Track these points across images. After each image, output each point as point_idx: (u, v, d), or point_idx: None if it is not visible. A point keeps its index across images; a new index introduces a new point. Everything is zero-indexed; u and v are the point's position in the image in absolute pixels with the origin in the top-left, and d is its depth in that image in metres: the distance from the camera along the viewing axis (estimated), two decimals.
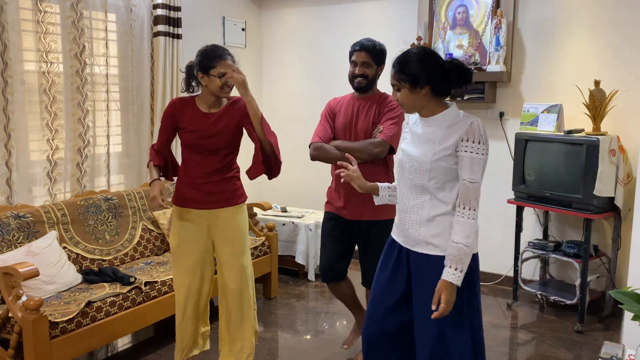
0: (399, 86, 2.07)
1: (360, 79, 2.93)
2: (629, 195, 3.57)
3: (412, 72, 2.03)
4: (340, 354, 3.29)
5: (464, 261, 1.98)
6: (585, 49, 3.86)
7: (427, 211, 2.09)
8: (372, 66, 2.94)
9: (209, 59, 2.56)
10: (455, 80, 2.05)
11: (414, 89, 2.04)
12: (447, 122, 2.06)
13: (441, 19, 4.33)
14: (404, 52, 2.10)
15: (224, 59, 2.56)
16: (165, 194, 2.61)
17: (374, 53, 2.93)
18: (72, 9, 3.49)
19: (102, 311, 2.88)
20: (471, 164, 1.99)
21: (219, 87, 2.57)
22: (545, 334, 3.57)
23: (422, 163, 2.06)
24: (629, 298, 1.87)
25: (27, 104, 3.36)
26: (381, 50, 2.97)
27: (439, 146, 2.03)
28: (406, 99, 2.07)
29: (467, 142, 1.99)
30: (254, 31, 5.22)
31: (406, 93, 2.06)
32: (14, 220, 3.06)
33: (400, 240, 2.19)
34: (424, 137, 2.09)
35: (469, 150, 1.99)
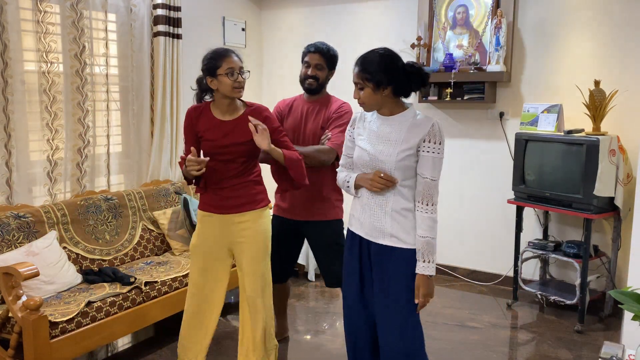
0: (362, 85, 2.16)
1: (312, 81, 2.97)
2: (629, 195, 3.57)
3: (376, 73, 2.13)
4: (340, 354, 3.30)
5: (432, 252, 2.14)
6: (585, 49, 3.86)
7: (391, 205, 2.19)
8: (324, 69, 2.99)
9: (214, 60, 2.53)
10: (416, 82, 2.17)
11: (377, 89, 2.14)
12: (407, 122, 2.17)
13: (441, 19, 4.33)
14: (369, 52, 2.20)
15: (228, 56, 2.52)
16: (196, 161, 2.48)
17: (327, 57, 2.98)
18: (72, 9, 3.49)
19: (102, 311, 2.88)
20: (433, 163, 2.13)
21: (231, 87, 2.51)
22: (545, 334, 3.57)
23: (386, 162, 2.15)
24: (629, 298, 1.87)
25: (27, 104, 3.36)
26: (334, 55, 3.03)
27: (402, 145, 2.14)
28: (368, 98, 2.17)
29: (429, 143, 2.12)
30: (254, 31, 5.23)
31: (369, 92, 2.16)
32: (14, 220, 3.06)
33: (362, 233, 2.28)
34: (384, 136, 2.19)
35: (431, 151, 2.12)
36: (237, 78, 2.51)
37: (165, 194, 3.98)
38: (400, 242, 2.19)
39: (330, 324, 3.70)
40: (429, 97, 4.37)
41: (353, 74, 2.20)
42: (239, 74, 2.52)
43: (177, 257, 3.69)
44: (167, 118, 4.08)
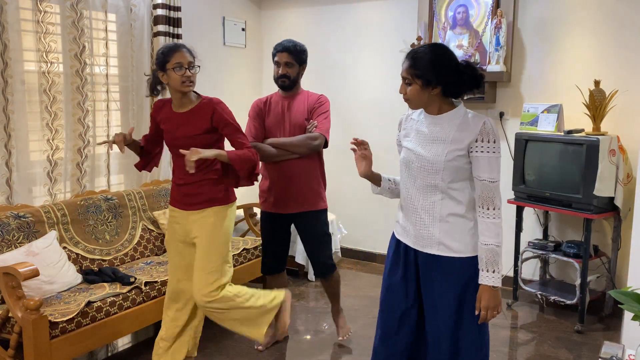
0: (410, 81, 2.02)
1: (284, 79, 3.12)
2: (629, 195, 3.57)
3: (426, 71, 1.98)
4: (340, 354, 3.30)
5: (497, 262, 2.00)
6: (585, 49, 3.86)
7: (439, 211, 2.05)
8: (294, 66, 3.11)
9: (164, 55, 2.58)
10: (468, 83, 2.03)
11: (425, 87, 2.00)
12: (457, 121, 2.02)
13: (441, 19, 4.33)
14: (419, 47, 2.04)
15: (178, 51, 2.57)
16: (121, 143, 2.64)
17: (295, 53, 3.09)
18: (72, 9, 3.49)
19: (102, 311, 2.88)
20: (489, 164, 1.98)
21: (180, 82, 2.57)
22: (545, 334, 3.57)
23: (435, 163, 2.01)
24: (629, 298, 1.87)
25: (27, 104, 3.36)
26: (302, 50, 3.13)
27: (452, 146, 2.00)
28: (415, 95, 2.03)
29: (481, 142, 1.97)
30: (254, 31, 5.22)
31: (416, 89, 2.01)
32: (14, 220, 3.06)
33: (408, 242, 2.14)
34: (432, 135, 2.05)
35: (485, 150, 1.97)
36: (184, 73, 2.55)
37: (165, 194, 3.98)
38: (448, 251, 2.04)
39: (330, 324, 3.70)
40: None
41: (402, 68, 2.04)
42: (187, 68, 2.56)
43: None
44: None
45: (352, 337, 3.53)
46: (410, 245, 2.13)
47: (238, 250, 3.82)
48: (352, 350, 3.35)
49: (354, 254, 5.05)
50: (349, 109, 4.88)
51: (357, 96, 4.86)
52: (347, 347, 3.38)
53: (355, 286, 4.04)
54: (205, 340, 3.43)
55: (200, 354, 3.26)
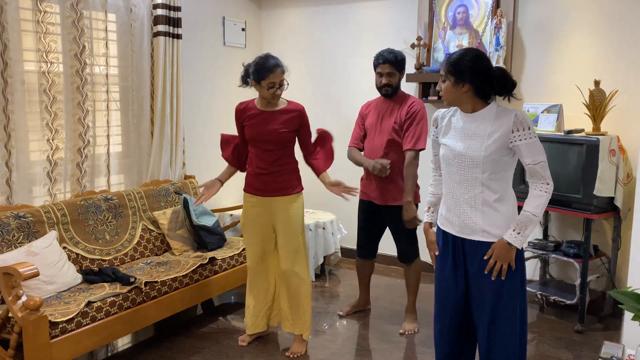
0: (445, 77, 2.25)
1: (387, 88, 3.40)
2: (629, 195, 3.57)
3: (459, 67, 2.20)
4: (340, 354, 3.30)
5: (527, 227, 2.17)
6: (585, 49, 3.86)
7: (481, 202, 2.25)
8: (395, 75, 3.38)
9: (261, 71, 2.96)
10: (497, 87, 2.24)
11: (456, 84, 2.22)
12: (491, 117, 2.23)
13: (441, 19, 4.33)
14: (462, 49, 2.29)
15: (274, 72, 2.96)
16: (209, 193, 3.17)
17: (396, 64, 3.36)
18: (72, 9, 3.49)
19: (102, 311, 2.88)
20: (529, 149, 2.17)
21: (270, 97, 3.01)
22: (545, 334, 3.57)
23: (474, 158, 2.21)
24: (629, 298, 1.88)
25: (27, 104, 3.36)
26: (402, 59, 3.40)
27: (489, 140, 2.20)
28: (448, 91, 2.25)
29: (517, 132, 2.17)
30: (254, 31, 5.22)
31: (449, 86, 2.24)
32: (14, 220, 3.06)
33: (453, 231, 2.34)
34: (469, 132, 2.25)
35: (523, 138, 2.17)
36: (275, 92, 2.99)
37: (165, 194, 3.98)
38: (491, 237, 2.24)
39: (330, 324, 3.70)
40: (429, 97, 4.37)
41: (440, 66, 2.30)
42: (278, 87, 2.99)
43: (177, 257, 3.69)
44: (167, 118, 4.08)
45: (352, 336, 3.53)
46: (456, 234, 2.33)
47: (238, 250, 3.82)
48: (353, 350, 3.35)
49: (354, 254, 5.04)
50: (349, 109, 4.88)
51: (357, 96, 4.85)
52: (348, 347, 3.38)
53: (355, 286, 4.04)
54: (206, 340, 3.44)
55: (200, 353, 3.26)
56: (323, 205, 5.04)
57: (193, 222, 3.78)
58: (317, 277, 4.56)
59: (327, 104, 5.00)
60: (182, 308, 3.38)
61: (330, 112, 5.00)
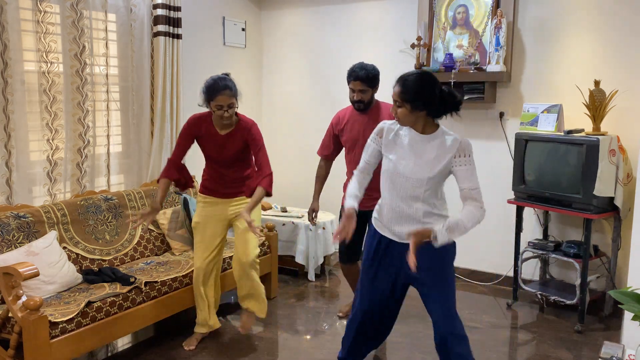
0: (400, 104, 2.35)
1: (359, 104, 3.36)
2: (628, 195, 3.57)
3: (414, 97, 2.31)
4: None
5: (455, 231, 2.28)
6: (585, 49, 3.86)
7: (421, 215, 2.42)
8: (367, 91, 3.33)
9: (208, 92, 3.01)
10: (449, 107, 2.37)
11: (413, 111, 2.34)
12: (438, 141, 2.38)
13: (441, 19, 4.33)
14: (409, 74, 2.38)
15: (219, 94, 2.98)
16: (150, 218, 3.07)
17: (367, 81, 3.29)
18: (72, 9, 3.49)
19: (102, 311, 2.88)
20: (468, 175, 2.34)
21: (219, 118, 3.06)
22: (545, 334, 3.57)
23: (420, 179, 2.37)
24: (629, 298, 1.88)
25: (27, 104, 3.36)
26: (374, 76, 3.33)
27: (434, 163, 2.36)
28: (404, 116, 2.37)
29: (459, 157, 2.34)
30: (254, 31, 5.22)
31: (406, 112, 2.35)
32: (14, 220, 3.06)
33: (393, 237, 2.50)
34: (417, 152, 2.40)
35: (463, 164, 2.35)
36: (223, 114, 3.02)
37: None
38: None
39: (330, 324, 3.70)
40: None
41: (393, 91, 2.37)
42: (226, 110, 3.01)
43: (177, 257, 3.69)
44: (167, 118, 4.08)
45: None
46: (396, 239, 2.49)
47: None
48: None
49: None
50: None
51: None
52: None
53: None
54: (206, 339, 3.43)
55: (200, 353, 3.26)
56: (323, 205, 5.04)
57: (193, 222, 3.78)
58: (317, 277, 4.56)
59: (327, 104, 5.00)
60: (182, 308, 3.38)
61: (329, 112, 4.99)
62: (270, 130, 5.30)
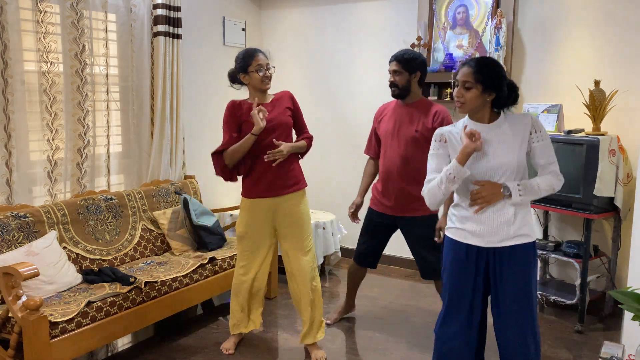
0: (472, 85, 2.18)
1: (393, 88, 3.23)
2: (629, 195, 3.57)
3: (489, 77, 2.17)
4: (340, 354, 3.30)
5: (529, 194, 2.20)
6: (585, 49, 3.86)
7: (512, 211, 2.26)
8: (402, 74, 3.18)
9: (244, 59, 2.98)
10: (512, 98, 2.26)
11: (484, 92, 2.19)
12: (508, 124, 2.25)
13: (441, 19, 4.33)
14: (482, 56, 2.25)
15: (256, 55, 2.98)
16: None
17: (403, 62, 3.17)
18: (72, 9, 3.49)
19: (102, 311, 2.88)
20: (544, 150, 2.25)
21: (260, 80, 2.99)
22: (545, 334, 3.57)
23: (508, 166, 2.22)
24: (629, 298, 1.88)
25: (27, 104, 3.36)
26: (410, 58, 3.18)
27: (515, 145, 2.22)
28: (472, 99, 2.20)
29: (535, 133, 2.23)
30: (254, 31, 5.22)
31: (475, 94, 2.19)
32: (14, 220, 3.06)
33: (481, 243, 2.30)
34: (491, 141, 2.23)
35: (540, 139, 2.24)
36: (265, 73, 2.99)
37: (165, 194, 3.98)
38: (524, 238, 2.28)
39: (330, 324, 3.70)
40: (429, 97, 4.37)
41: (461, 74, 2.21)
42: (266, 69, 2.99)
43: (177, 257, 3.69)
44: (167, 118, 4.08)
45: (352, 336, 3.53)
46: (484, 245, 2.30)
47: None
48: (353, 350, 3.35)
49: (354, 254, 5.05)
50: (349, 109, 4.89)
51: (357, 96, 4.86)
52: (348, 347, 3.38)
53: None
54: (206, 340, 3.44)
55: (200, 353, 3.26)
56: (323, 205, 5.04)
57: (193, 222, 3.78)
58: None
59: (327, 104, 5.00)
60: (182, 308, 3.38)
61: (329, 112, 5.00)
62: None
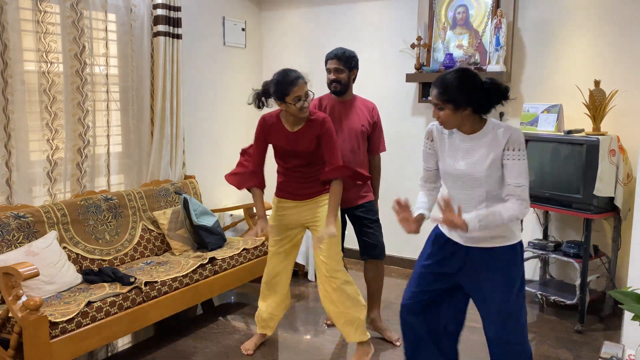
0: (442, 106, 2.19)
1: (335, 84, 3.29)
2: (629, 195, 3.57)
3: (455, 94, 2.15)
4: (340, 354, 3.30)
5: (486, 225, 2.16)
6: (585, 49, 3.86)
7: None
8: (343, 71, 3.27)
9: (283, 87, 2.79)
10: (496, 97, 2.21)
11: (456, 110, 2.18)
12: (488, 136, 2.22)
13: (441, 19, 4.33)
14: (446, 73, 2.24)
15: (296, 85, 2.79)
16: (266, 228, 2.99)
17: (343, 59, 3.26)
18: (72, 9, 3.49)
19: (102, 311, 2.88)
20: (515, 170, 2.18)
21: (297, 110, 2.83)
22: (545, 334, 3.57)
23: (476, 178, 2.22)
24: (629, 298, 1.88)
25: (27, 104, 3.36)
26: (351, 56, 3.30)
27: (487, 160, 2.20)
28: (448, 118, 2.20)
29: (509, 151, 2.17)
30: (254, 31, 5.22)
31: (449, 113, 2.19)
32: (14, 220, 3.06)
33: (460, 240, 2.35)
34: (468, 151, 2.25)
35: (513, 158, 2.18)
36: (302, 105, 2.81)
37: (165, 194, 3.98)
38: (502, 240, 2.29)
39: (329, 324, 3.70)
40: (429, 97, 4.36)
41: (431, 95, 2.24)
42: (304, 100, 2.82)
43: (177, 257, 3.69)
44: (167, 118, 4.08)
45: None
46: (462, 243, 2.34)
47: (238, 250, 3.82)
48: (352, 350, 3.35)
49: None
50: None
51: None
52: (348, 347, 3.38)
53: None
54: (206, 340, 3.44)
55: (200, 353, 3.26)
56: None
57: (193, 222, 3.78)
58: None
59: None
60: (182, 308, 3.38)
61: None
62: None
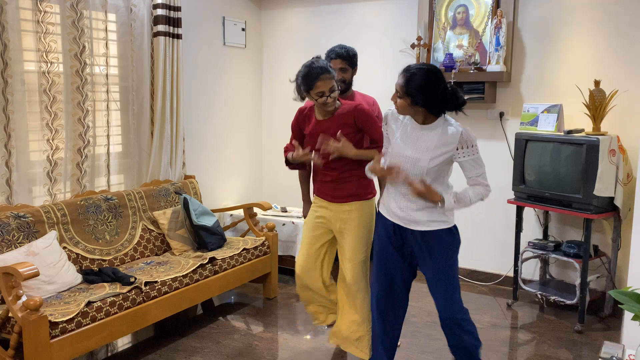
0: (402, 95, 2.36)
1: (340, 84, 3.21)
2: (629, 195, 3.57)
3: (416, 93, 2.32)
4: (339, 355, 3.30)
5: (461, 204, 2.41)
6: (585, 49, 3.86)
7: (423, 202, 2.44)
8: (348, 70, 3.26)
9: (307, 81, 2.77)
10: (451, 106, 2.38)
11: (412, 105, 2.36)
12: (438, 131, 2.40)
13: (441, 19, 4.33)
14: (417, 67, 2.35)
15: (319, 79, 2.74)
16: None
17: (348, 59, 3.24)
18: (72, 9, 3.49)
19: (102, 311, 2.88)
20: (473, 165, 2.41)
21: (322, 104, 2.81)
22: (545, 334, 3.57)
23: (420, 167, 2.40)
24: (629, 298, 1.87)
25: (27, 104, 3.36)
26: (354, 55, 3.30)
27: (434, 152, 2.38)
28: (403, 108, 2.40)
29: (462, 149, 2.37)
30: (254, 31, 5.22)
31: (405, 104, 2.37)
32: (14, 220, 3.06)
33: (400, 222, 2.53)
34: (417, 140, 2.43)
35: (467, 155, 2.38)
36: (326, 100, 2.78)
37: (165, 194, 3.98)
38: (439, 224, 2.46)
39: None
40: None
41: (397, 81, 2.37)
42: (328, 96, 2.77)
43: (177, 257, 3.69)
44: (167, 118, 4.08)
45: None
46: (403, 225, 2.52)
47: (238, 250, 3.82)
48: None
49: None
50: None
51: None
52: None
53: None
54: (206, 340, 3.44)
55: (200, 353, 3.26)
56: None
57: (193, 222, 3.78)
58: None
59: None
60: (182, 308, 3.38)
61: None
62: (270, 130, 5.30)
